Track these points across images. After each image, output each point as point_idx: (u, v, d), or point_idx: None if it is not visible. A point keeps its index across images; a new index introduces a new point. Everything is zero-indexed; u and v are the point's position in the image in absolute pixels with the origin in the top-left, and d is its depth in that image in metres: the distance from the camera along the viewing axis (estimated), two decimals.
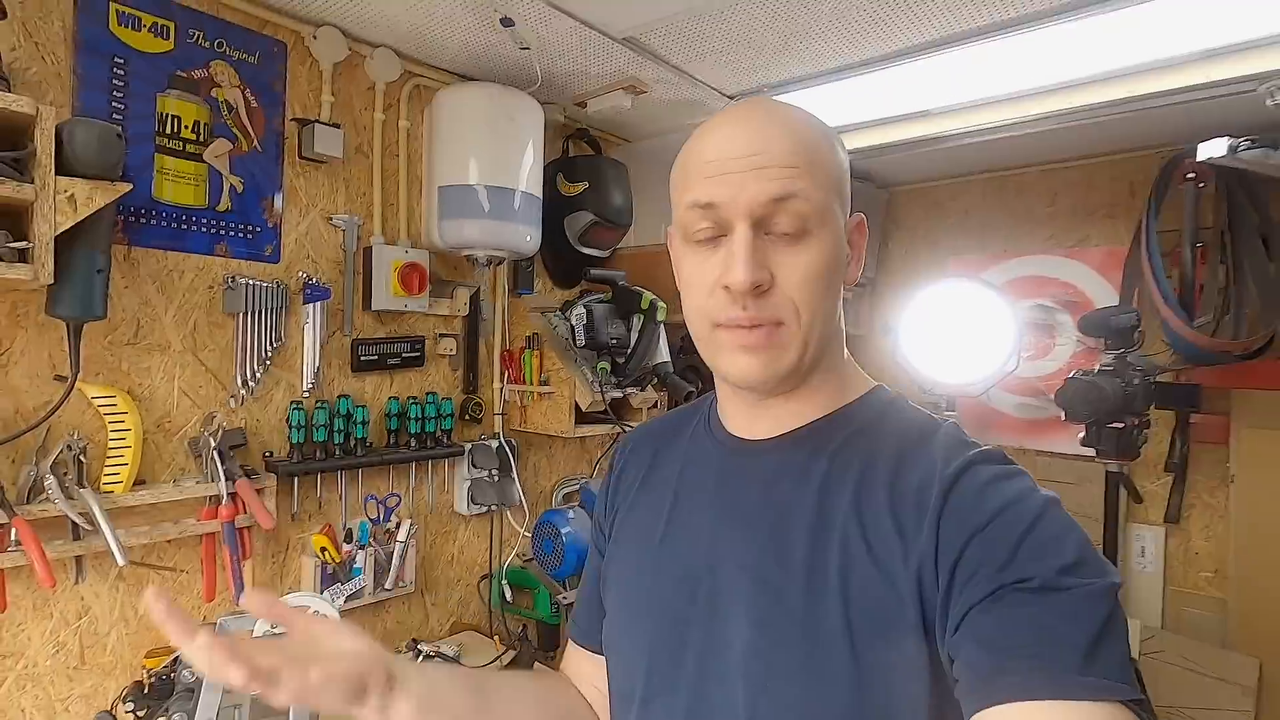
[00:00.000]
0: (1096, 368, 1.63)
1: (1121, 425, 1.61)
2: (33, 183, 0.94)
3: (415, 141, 1.64)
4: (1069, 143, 2.00)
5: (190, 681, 0.87)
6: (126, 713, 0.97)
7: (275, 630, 0.98)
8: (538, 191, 1.67)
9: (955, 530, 0.52)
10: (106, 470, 1.17)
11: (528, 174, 1.62)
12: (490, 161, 1.57)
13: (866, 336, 2.57)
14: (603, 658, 0.72)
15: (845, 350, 0.67)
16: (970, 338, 2.11)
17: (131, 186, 1.05)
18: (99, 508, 1.11)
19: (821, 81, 1.64)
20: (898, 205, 2.56)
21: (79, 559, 1.17)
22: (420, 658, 1.07)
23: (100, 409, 1.17)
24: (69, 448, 1.13)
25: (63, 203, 0.97)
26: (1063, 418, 1.63)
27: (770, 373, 0.59)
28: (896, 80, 1.61)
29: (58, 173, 0.98)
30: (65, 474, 1.12)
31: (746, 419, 0.66)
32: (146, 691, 0.97)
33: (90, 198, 1.00)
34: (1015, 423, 2.21)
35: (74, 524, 1.12)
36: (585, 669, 0.76)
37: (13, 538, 1.06)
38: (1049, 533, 0.51)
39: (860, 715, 0.53)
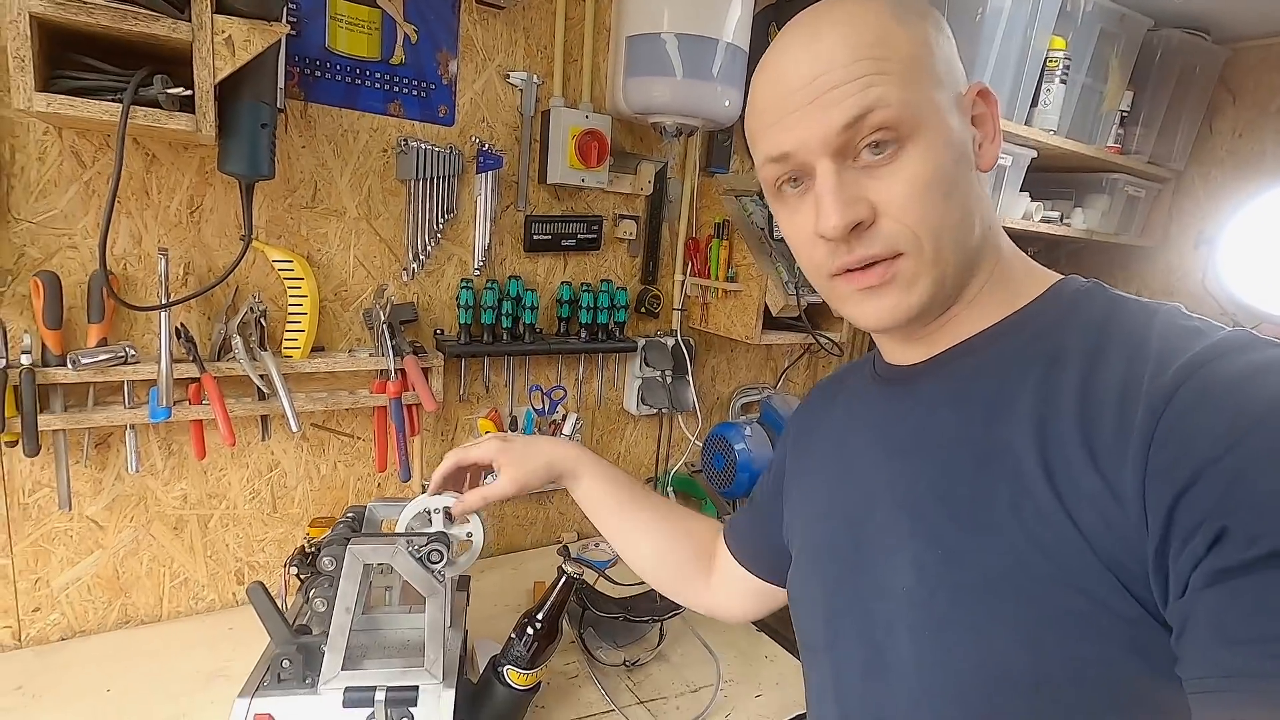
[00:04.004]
0: None
1: None
2: (189, 21, 0.86)
3: None
4: None
5: (330, 570, 0.84)
6: (294, 575, 0.99)
7: (434, 510, 0.92)
8: (744, 45, 1.36)
9: (1178, 458, 0.39)
10: (286, 335, 1.18)
11: (735, 22, 1.32)
12: (688, 4, 1.29)
13: (1156, 249, 1.98)
14: (735, 562, 0.83)
15: (1006, 247, 0.56)
16: None
17: (289, 28, 0.95)
18: (277, 372, 1.12)
19: None
20: (1240, 68, 1.85)
21: (264, 418, 1.21)
22: (568, 558, 0.98)
23: (280, 273, 1.16)
24: (251, 310, 1.13)
25: (220, 45, 0.89)
26: None
27: (903, 311, 0.52)
28: None
29: (217, 11, 0.89)
30: (250, 335, 1.14)
31: (899, 345, 0.60)
32: (309, 560, 0.98)
33: (249, 40, 0.91)
34: None
35: (258, 385, 1.14)
36: (722, 557, 0.85)
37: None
38: None
39: (1045, 671, 0.45)
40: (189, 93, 0.88)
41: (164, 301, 1.04)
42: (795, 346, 1.86)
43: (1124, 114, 1.74)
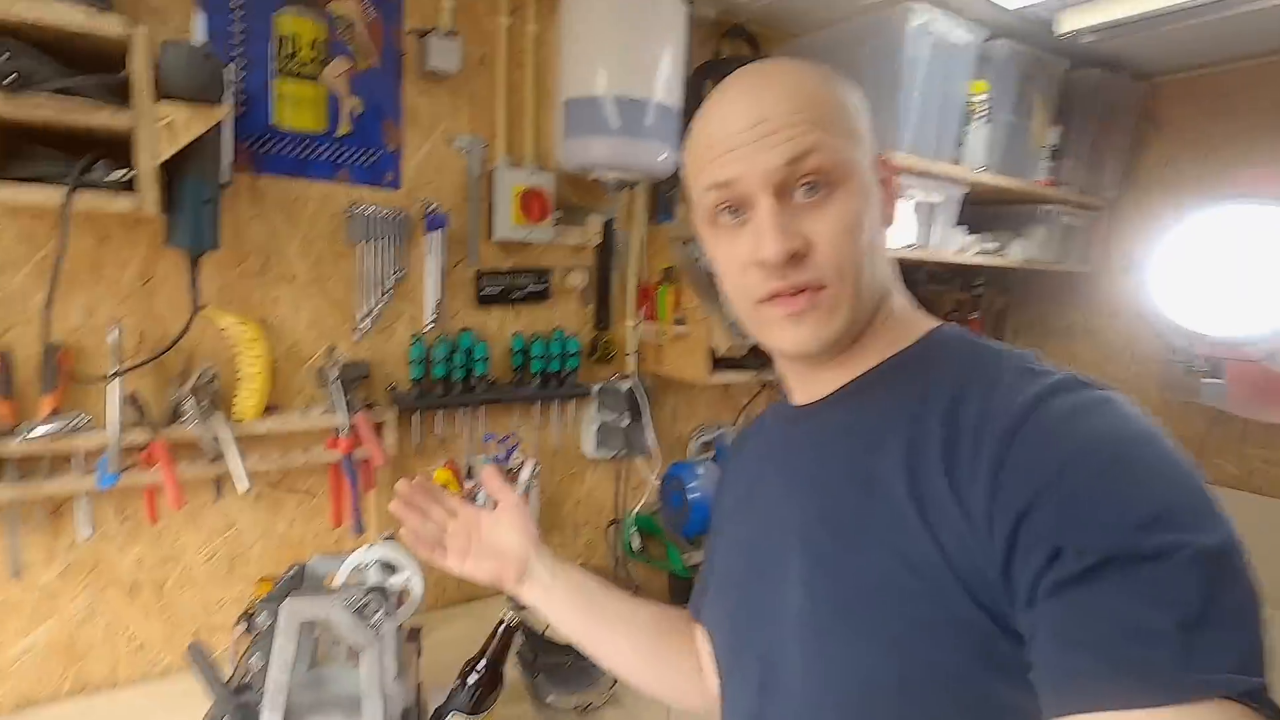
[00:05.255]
0: None
1: None
2: (130, 109, 0.92)
3: (545, 49, 1.48)
4: None
5: (264, 626, 0.86)
6: (243, 634, 1.01)
7: (367, 564, 0.95)
8: (676, 102, 1.44)
9: (1019, 485, 0.45)
10: (238, 398, 1.21)
11: (664, 81, 1.40)
12: (620, 68, 1.37)
13: (1097, 275, 2.05)
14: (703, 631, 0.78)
15: (901, 297, 0.63)
16: (1257, 279, 1.57)
17: (228, 110, 1.01)
18: (226, 434, 1.15)
19: None
20: (1162, 101, 1.95)
21: (218, 479, 1.24)
22: (515, 606, 1.00)
23: (231, 338, 1.21)
24: (202, 375, 1.17)
25: (161, 130, 0.95)
26: None
27: (823, 337, 0.57)
28: None
29: (158, 99, 0.95)
30: (202, 399, 1.17)
31: (802, 385, 0.65)
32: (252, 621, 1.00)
33: (190, 124, 0.97)
34: None
35: (209, 447, 1.17)
36: (699, 639, 0.78)
37: None
38: (1127, 478, 0.43)
39: (907, 676, 0.50)
40: (132, 175, 0.93)
41: (115, 371, 1.08)
42: (753, 384, 1.90)
43: (1053, 148, 1.83)
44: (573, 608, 0.78)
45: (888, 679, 0.51)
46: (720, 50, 1.68)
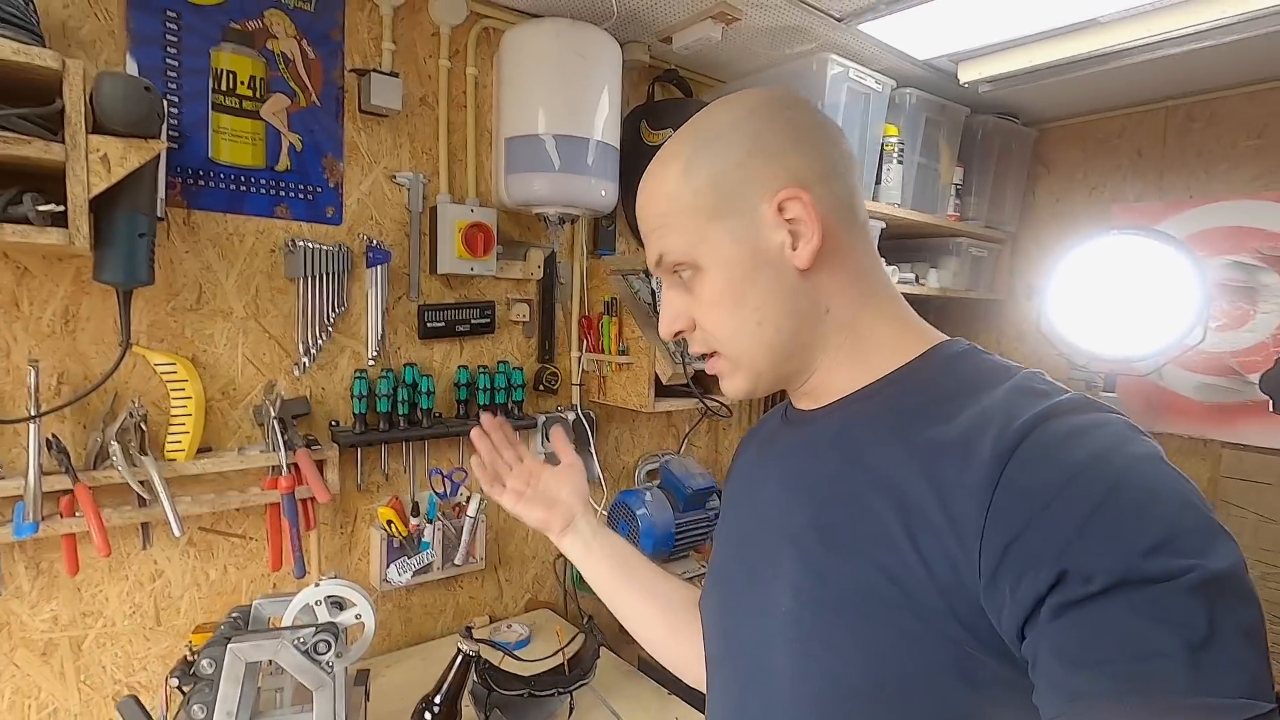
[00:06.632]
0: None
1: None
2: (63, 142, 0.90)
3: (485, 90, 1.52)
4: None
5: (209, 673, 0.82)
6: (174, 689, 0.95)
7: (317, 602, 0.92)
8: (614, 140, 1.50)
9: (1012, 506, 0.44)
10: (169, 438, 1.16)
11: (603, 121, 1.46)
12: (559, 108, 1.42)
13: (1005, 301, 2.22)
14: None
15: (876, 318, 0.62)
16: (1139, 303, 1.74)
17: (166, 144, 1.00)
18: (158, 477, 1.10)
19: None
20: (1049, 145, 2.16)
21: (145, 525, 1.17)
22: (469, 639, 0.98)
23: (162, 376, 1.16)
24: (130, 415, 1.12)
25: (95, 163, 0.93)
26: (1271, 408, 1.28)
27: (740, 391, 0.64)
28: None
29: (93, 131, 0.93)
30: (130, 441, 1.12)
31: (795, 396, 0.68)
32: (190, 669, 0.94)
33: (125, 157, 0.95)
34: (1195, 407, 1.81)
35: (138, 491, 1.11)
36: None
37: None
38: (1130, 502, 0.42)
39: (882, 683, 0.51)
40: (61, 209, 0.90)
41: (31, 414, 1.02)
42: (694, 411, 1.95)
43: (958, 186, 1.99)
44: (609, 567, 0.84)
45: (866, 686, 0.52)
46: (653, 93, 1.76)
